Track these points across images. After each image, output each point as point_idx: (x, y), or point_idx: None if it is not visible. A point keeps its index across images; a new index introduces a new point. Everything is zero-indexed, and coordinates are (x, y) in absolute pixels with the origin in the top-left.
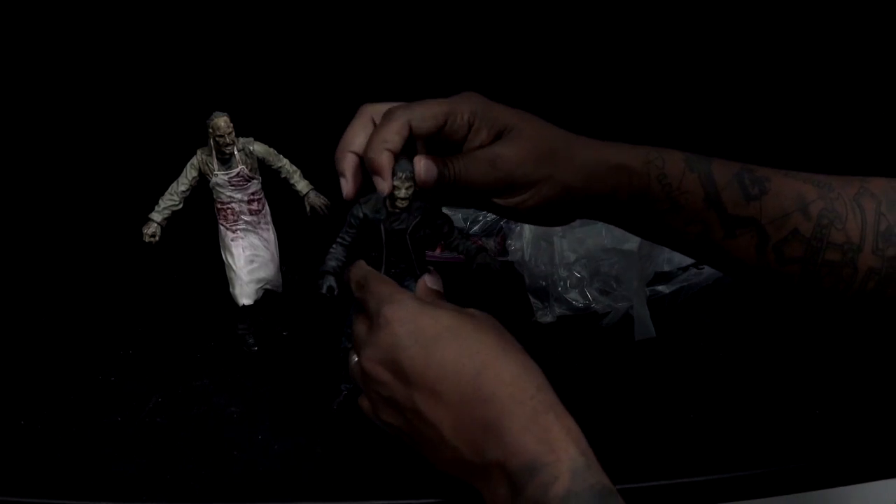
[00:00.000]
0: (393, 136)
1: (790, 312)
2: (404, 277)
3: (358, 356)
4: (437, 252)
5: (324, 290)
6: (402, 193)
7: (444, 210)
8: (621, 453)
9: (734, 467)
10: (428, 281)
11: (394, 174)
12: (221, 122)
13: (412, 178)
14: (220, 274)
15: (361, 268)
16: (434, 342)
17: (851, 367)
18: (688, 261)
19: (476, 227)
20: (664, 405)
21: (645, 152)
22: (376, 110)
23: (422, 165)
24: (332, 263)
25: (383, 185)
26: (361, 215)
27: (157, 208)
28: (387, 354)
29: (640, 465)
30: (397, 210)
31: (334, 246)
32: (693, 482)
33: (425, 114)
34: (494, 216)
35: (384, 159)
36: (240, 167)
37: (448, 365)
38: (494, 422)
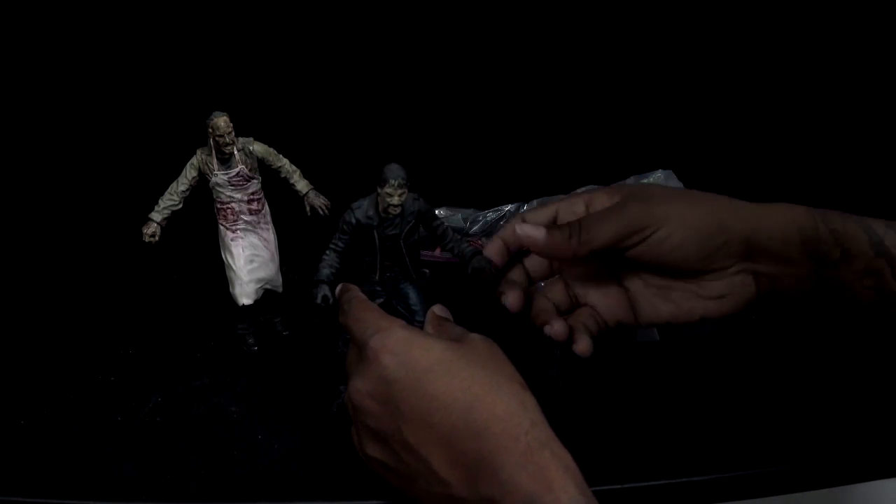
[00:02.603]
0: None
1: (790, 313)
2: (399, 282)
3: (347, 387)
4: (437, 252)
5: (318, 300)
6: (394, 200)
7: (442, 210)
8: (623, 453)
9: (734, 467)
10: (436, 310)
11: (386, 182)
12: (221, 122)
13: (405, 185)
14: (220, 274)
15: (346, 291)
16: (425, 374)
17: (851, 368)
18: None
19: (476, 227)
20: (664, 405)
21: (803, 208)
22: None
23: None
24: (325, 272)
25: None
26: (354, 221)
27: (156, 208)
28: (376, 385)
29: (641, 465)
30: (390, 216)
31: (327, 252)
32: (693, 482)
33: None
34: (494, 216)
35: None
36: (239, 167)
37: (439, 398)
38: (487, 457)
